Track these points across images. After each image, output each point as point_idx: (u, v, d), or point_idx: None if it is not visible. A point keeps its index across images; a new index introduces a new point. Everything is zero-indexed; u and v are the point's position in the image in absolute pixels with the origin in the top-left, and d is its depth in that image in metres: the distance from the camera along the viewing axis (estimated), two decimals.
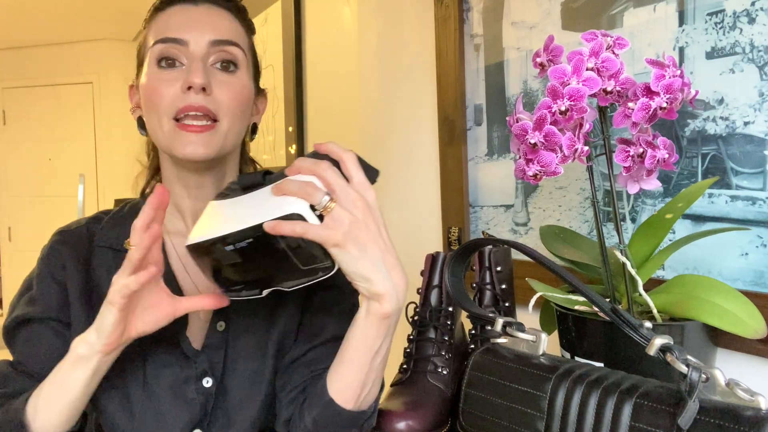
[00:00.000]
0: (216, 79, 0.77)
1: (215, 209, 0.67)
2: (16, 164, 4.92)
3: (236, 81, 0.78)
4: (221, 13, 0.80)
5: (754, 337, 0.62)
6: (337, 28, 1.75)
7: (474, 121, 1.17)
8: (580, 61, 0.63)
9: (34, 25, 4.34)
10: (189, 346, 0.78)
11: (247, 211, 0.63)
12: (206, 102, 0.75)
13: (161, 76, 0.76)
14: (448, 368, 0.80)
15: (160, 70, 0.76)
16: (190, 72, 0.75)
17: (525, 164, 0.66)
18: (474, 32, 1.17)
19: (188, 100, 0.74)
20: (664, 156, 0.65)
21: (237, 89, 0.78)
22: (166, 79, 0.76)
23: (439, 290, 0.84)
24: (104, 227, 0.83)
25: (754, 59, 0.72)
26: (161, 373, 0.77)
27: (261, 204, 0.64)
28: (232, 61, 0.78)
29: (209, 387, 0.77)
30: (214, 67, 0.77)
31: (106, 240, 0.82)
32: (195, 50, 0.76)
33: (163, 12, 0.79)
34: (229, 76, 0.78)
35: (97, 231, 0.83)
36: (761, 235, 0.72)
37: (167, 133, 0.76)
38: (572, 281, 0.56)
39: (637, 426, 0.48)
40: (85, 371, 0.66)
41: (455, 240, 1.21)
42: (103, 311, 0.64)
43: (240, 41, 0.80)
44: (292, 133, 2.01)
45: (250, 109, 0.83)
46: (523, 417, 0.56)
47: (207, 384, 0.77)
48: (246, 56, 0.81)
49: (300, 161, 0.65)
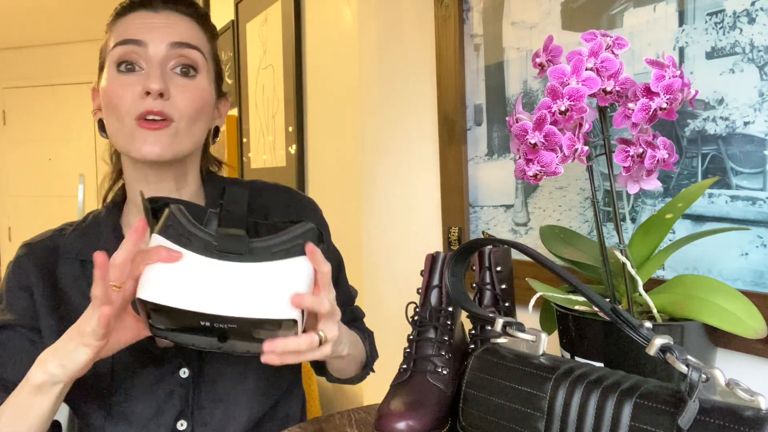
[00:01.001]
0: (174, 83, 0.77)
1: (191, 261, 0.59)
2: (16, 164, 4.92)
3: (194, 85, 0.79)
4: (182, 18, 0.81)
5: (754, 337, 0.62)
6: (337, 28, 1.75)
7: (474, 121, 1.17)
8: (579, 61, 0.63)
9: (34, 25, 4.34)
10: (155, 347, 0.78)
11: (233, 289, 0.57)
12: (164, 107, 0.76)
13: (121, 80, 0.77)
14: (448, 368, 0.80)
15: (119, 75, 0.77)
16: (148, 77, 0.75)
17: (525, 164, 0.66)
18: (474, 32, 1.17)
19: (146, 105, 0.75)
20: (664, 156, 0.65)
21: (195, 94, 0.79)
22: (125, 83, 0.77)
23: (439, 290, 0.84)
24: (69, 238, 0.84)
25: (754, 59, 0.72)
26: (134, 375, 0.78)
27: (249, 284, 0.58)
28: (191, 65, 0.79)
29: (186, 377, 0.78)
30: (174, 72, 0.78)
31: (72, 251, 0.82)
32: (154, 53, 0.77)
33: (124, 18, 0.80)
34: (188, 81, 0.79)
35: (61, 243, 0.83)
36: (761, 235, 0.72)
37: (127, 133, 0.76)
38: (572, 281, 0.56)
39: (637, 426, 0.48)
40: (47, 398, 0.65)
41: (455, 240, 1.21)
42: (73, 348, 0.62)
43: (200, 45, 0.81)
44: (292, 133, 2.01)
45: (209, 113, 0.84)
46: (523, 417, 0.56)
47: (184, 375, 0.78)
48: (206, 61, 0.82)
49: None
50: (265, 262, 0.60)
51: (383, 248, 1.49)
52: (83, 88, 4.81)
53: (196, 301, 0.56)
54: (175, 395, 0.78)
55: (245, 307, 0.57)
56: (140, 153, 0.76)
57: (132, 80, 0.77)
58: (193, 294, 0.57)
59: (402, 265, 1.42)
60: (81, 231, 0.85)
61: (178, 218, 0.62)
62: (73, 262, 0.81)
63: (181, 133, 0.78)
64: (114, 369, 0.77)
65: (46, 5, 3.90)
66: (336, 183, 1.80)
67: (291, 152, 2.02)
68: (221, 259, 0.60)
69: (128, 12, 0.80)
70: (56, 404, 0.67)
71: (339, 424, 0.81)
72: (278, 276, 0.60)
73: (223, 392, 0.80)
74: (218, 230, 0.62)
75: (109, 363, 0.77)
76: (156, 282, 0.58)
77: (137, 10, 0.80)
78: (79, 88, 4.82)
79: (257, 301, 0.57)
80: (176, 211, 0.63)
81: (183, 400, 0.78)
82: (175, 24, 0.80)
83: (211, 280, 0.58)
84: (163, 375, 0.78)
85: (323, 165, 1.90)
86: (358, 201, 1.60)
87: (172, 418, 0.78)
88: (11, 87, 4.93)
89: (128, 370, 0.78)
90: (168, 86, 0.76)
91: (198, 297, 0.57)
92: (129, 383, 0.77)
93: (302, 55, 1.97)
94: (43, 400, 0.65)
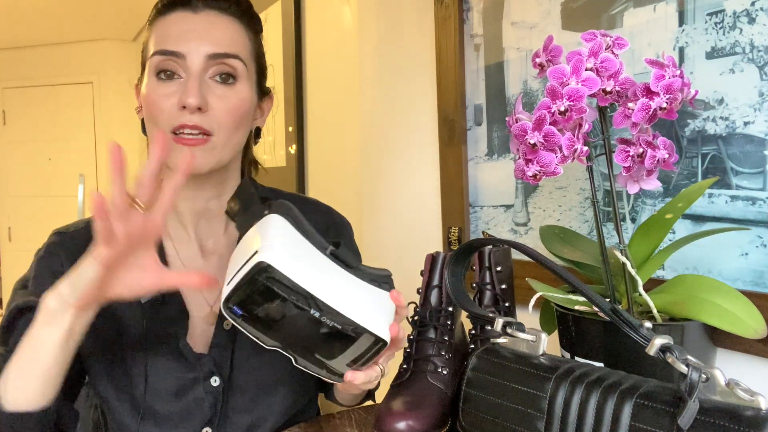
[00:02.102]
0: (213, 93, 0.76)
1: (311, 251, 0.60)
2: (16, 164, 4.92)
3: (234, 95, 0.77)
4: (222, 20, 0.79)
5: (754, 337, 0.62)
6: (337, 28, 1.75)
7: (474, 121, 1.17)
8: (579, 61, 0.63)
9: (34, 25, 4.34)
10: (191, 352, 0.78)
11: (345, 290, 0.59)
12: (201, 121, 0.74)
13: (159, 90, 0.76)
14: (448, 368, 0.80)
15: (158, 83, 0.76)
16: (185, 90, 0.74)
17: (524, 164, 0.66)
18: (474, 32, 1.17)
19: (183, 119, 0.74)
20: (664, 156, 0.65)
21: (234, 103, 0.77)
22: (163, 93, 0.75)
23: (439, 290, 0.84)
24: None
25: (754, 59, 0.72)
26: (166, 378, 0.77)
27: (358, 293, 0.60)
28: (231, 74, 0.77)
29: (217, 386, 0.78)
30: (213, 80, 0.77)
31: None
32: (192, 65, 0.75)
33: (164, 18, 0.78)
34: (228, 89, 0.77)
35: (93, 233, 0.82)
36: (761, 235, 0.72)
37: None
38: (572, 281, 0.56)
39: (637, 426, 0.48)
40: (57, 330, 0.62)
41: (455, 240, 1.21)
42: (85, 264, 0.61)
43: (241, 51, 0.79)
44: (292, 133, 2.01)
45: (250, 118, 0.82)
46: (523, 417, 0.56)
47: (215, 383, 0.78)
48: (247, 66, 0.80)
49: None
50: (368, 283, 0.63)
51: (383, 248, 1.49)
52: (83, 88, 4.81)
53: (313, 282, 0.57)
54: (204, 402, 0.78)
55: (354, 310, 0.58)
56: (174, 164, 0.75)
57: (170, 90, 0.75)
58: (313, 277, 0.57)
59: (402, 265, 1.42)
60: None
61: (296, 213, 0.64)
62: None
63: (219, 145, 0.76)
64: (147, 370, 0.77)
65: (46, 5, 3.90)
66: (336, 183, 1.80)
67: (291, 152, 2.02)
68: (334, 262, 0.62)
69: (168, 11, 0.78)
70: (67, 344, 0.63)
71: (339, 424, 0.81)
72: (380, 299, 0.62)
73: (251, 403, 0.80)
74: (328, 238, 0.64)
75: (143, 364, 0.77)
76: (280, 250, 0.57)
77: (177, 10, 0.78)
78: (79, 88, 4.82)
79: (364, 310, 0.59)
80: (293, 206, 0.65)
81: (212, 407, 0.78)
82: (216, 27, 0.77)
83: (328, 272, 0.60)
84: (194, 381, 0.78)
85: (323, 165, 1.90)
86: (358, 201, 1.60)
87: (199, 424, 0.78)
88: (11, 87, 4.93)
89: (161, 373, 0.77)
90: (206, 98, 0.75)
91: (316, 281, 0.57)
92: (160, 385, 0.77)
93: (302, 55, 1.97)
94: (54, 333, 0.62)
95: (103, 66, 4.77)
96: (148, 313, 0.78)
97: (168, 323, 0.78)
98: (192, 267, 0.83)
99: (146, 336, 0.77)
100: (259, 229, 0.62)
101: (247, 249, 0.59)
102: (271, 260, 0.55)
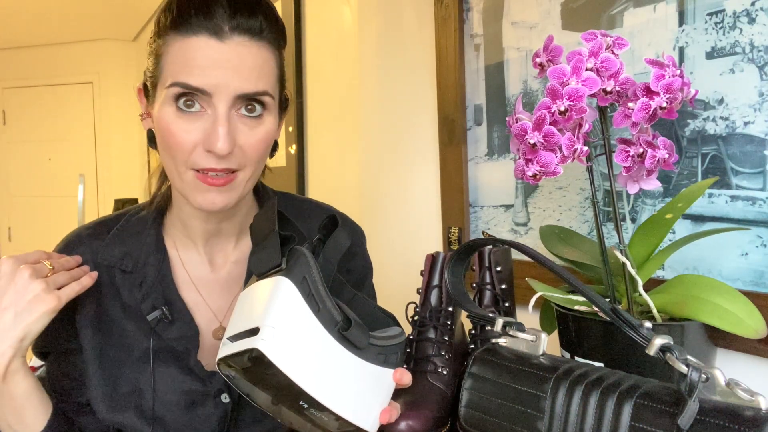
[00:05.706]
0: (240, 130, 0.70)
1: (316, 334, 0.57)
2: (16, 164, 4.92)
3: (261, 128, 0.71)
4: (251, 50, 0.69)
5: (754, 337, 0.62)
6: (337, 28, 1.75)
7: (474, 121, 1.17)
8: (579, 61, 0.63)
9: (34, 25, 4.34)
10: (202, 370, 0.78)
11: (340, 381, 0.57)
12: (228, 163, 0.69)
13: (180, 124, 0.68)
14: (448, 368, 0.80)
15: (178, 114, 0.69)
16: (213, 132, 0.67)
17: (524, 164, 0.66)
18: (474, 32, 1.17)
19: (209, 163, 0.68)
20: (664, 156, 0.65)
21: (262, 137, 0.72)
22: (185, 129, 0.68)
23: (439, 290, 0.84)
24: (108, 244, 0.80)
25: (754, 59, 0.72)
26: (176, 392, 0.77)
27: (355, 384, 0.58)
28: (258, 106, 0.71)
29: (226, 403, 0.78)
30: (239, 113, 0.70)
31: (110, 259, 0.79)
32: (219, 104, 0.68)
33: (184, 40, 0.68)
34: (255, 123, 0.71)
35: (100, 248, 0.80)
36: (761, 235, 0.72)
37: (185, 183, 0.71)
38: (572, 281, 0.56)
39: (637, 426, 0.48)
40: None
41: (455, 240, 1.21)
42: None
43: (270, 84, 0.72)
44: (292, 133, 2.01)
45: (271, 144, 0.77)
46: (523, 417, 0.56)
47: (225, 400, 0.78)
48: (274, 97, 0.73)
49: None
50: (372, 364, 0.61)
51: (383, 248, 1.49)
52: (83, 88, 4.81)
53: (306, 378, 0.55)
54: (213, 418, 0.78)
55: (342, 405, 0.57)
56: (198, 204, 0.71)
57: (192, 126, 0.68)
58: (307, 370, 0.56)
59: (402, 265, 1.42)
60: (120, 237, 0.81)
61: (313, 274, 0.59)
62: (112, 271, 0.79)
63: (245, 180, 0.72)
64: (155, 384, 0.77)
65: (46, 5, 3.90)
66: (336, 183, 1.80)
67: (291, 152, 2.02)
68: (340, 343, 0.58)
69: (188, 32, 0.68)
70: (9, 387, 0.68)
71: None
72: (381, 380, 0.61)
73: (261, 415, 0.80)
74: (342, 308, 0.60)
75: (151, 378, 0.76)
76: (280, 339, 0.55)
77: (200, 34, 0.67)
78: (79, 88, 4.82)
79: (355, 404, 0.58)
80: (312, 261, 0.59)
81: (220, 423, 0.78)
82: (245, 61, 0.69)
83: (329, 361, 0.57)
84: (204, 397, 0.78)
85: (323, 165, 1.90)
86: (358, 201, 1.60)
87: None
88: (11, 87, 4.93)
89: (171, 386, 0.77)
90: (234, 138, 0.68)
91: (309, 375, 0.56)
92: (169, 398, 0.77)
93: (302, 55, 1.97)
94: None
95: (103, 66, 4.77)
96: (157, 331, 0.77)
97: (178, 342, 0.77)
98: (200, 280, 0.82)
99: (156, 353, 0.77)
100: (268, 294, 0.58)
101: (251, 312, 0.58)
102: (267, 351, 0.54)
